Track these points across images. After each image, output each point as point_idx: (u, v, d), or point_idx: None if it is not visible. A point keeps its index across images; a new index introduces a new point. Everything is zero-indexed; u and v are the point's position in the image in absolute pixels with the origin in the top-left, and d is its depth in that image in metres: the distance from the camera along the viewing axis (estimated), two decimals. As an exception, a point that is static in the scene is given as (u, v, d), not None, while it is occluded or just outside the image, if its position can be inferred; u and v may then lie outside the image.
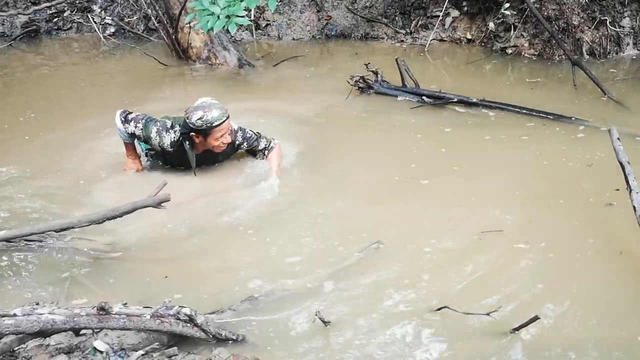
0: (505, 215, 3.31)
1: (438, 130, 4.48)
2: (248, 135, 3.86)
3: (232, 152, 3.89)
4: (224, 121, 3.56)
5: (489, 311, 2.49)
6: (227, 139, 3.67)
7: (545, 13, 5.94)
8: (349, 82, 5.20)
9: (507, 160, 3.98)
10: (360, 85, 5.24)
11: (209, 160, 3.86)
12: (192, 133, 3.57)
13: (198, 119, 3.49)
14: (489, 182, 3.71)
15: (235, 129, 3.81)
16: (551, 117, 4.50)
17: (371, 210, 3.48)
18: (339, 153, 4.18)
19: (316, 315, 2.49)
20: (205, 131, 3.54)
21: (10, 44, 7.48)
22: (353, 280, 2.84)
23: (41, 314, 1.99)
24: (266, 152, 3.93)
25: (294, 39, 7.23)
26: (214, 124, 3.52)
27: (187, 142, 3.66)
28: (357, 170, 3.93)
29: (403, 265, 2.93)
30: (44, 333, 2.02)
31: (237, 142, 3.83)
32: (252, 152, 3.97)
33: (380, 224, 3.31)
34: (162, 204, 3.00)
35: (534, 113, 4.58)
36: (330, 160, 4.08)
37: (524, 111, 4.62)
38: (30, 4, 7.91)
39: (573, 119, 4.43)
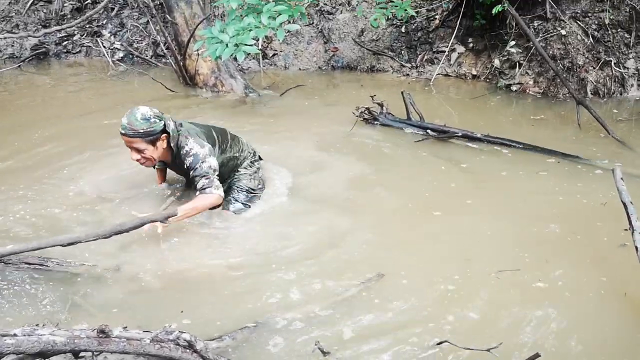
0: (523, 253, 3.28)
1: (451, 164, 4.49)
2: (195, 165, 3.44)
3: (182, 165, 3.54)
4: (122, 133, 3.34)
5: (489, 347, 2.46)
6: (132, 156, 3.42)
7: (551, 52, 6.02)
8: (354, 113, 5.24)
9: (521, 196, 3.96)
10: (366, 116, 5.28)
11: (184, 175, 3.75)
12: None
13: None
14: (503, 217, 3.68)
15: (190, 152, 3.46)
16: (557, 155, 4.51)
17: (378, 240, 3.46)
18: (343, 182, 4.19)
19: (316, 345, 2.47)
20: None
21: (19, 66, 7.57)
22: (354, 311, 2.81)
23: (42, 335, 1.97)
24: (197, 192, 3.46)
25: (300, 69, 7.31)
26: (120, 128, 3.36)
27: None
28: (362, 200, 3.93)
29: (408, 298, 2.90)
30: (44, 354, 1.99)
31: (185, 165, 3.48)
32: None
33: (388, 254, 3.30)
34: (168, 219, 3.00)
35: (538, 151, 4.60)
36: (335, 188, 4.09)
37: (528, 148, 4.64)
38: (40, 27, 8.03)
39: (579, 158, 4.44)
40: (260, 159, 4.09)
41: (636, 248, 2.88)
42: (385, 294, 2.93)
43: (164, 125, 3.42)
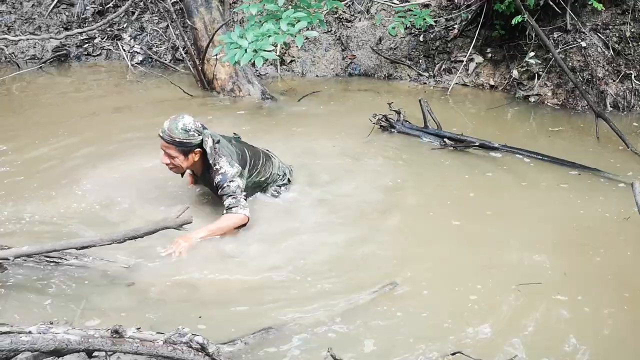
0: (543, 264, 3.25)
1: (471, 173, 4.47)
2: (223, 184, 3.52)
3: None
4: (159, 135, 3.51)
5: (504, 360, 2.45)
6: (162, 160, 3.56)
7: (570, 64, 5.98)
8: (371, 120, 5.24)
9: (542, 208, 3.92)
10: (383, 123, 5.27)
11: (211, 189, 3.78)
12: None
13: None
14: (523, 229, 3.65)
15: (220, 170, 3.55)
16: (576, 167, 4.48)
17: (396, 249, 3.45)
18: (362, 190, 4.17)
19: (328, 352, 2.45)
20: None
21: (41, 67, 7.66)
22: (368, 319, 2.80)
23: (57, 333, 1.99)
24: (225, 210, 3.52)
25: (317, 75, 7.32)
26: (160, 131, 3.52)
27: None
28: (382, 208, 3.92)
29: (425, 308, 2.90)
30: (58, 352, 2.01)
31: (214, 182, 3.58)
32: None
33: (407, 263, 3.29)
34: (183, 226, 3.02)
35: (556, 162, 4.57)
36: (353, 196, 4.08)
37: (545, 159, 4.61)
38: (62, 29, 8.12)
39: (598, 170, 4.40)
40: (289, 181, 4.11)
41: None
42: (401, 303, 2.92)
43: (202, 141, 3.55)
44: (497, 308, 2.90)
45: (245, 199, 3.57)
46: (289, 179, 4.11)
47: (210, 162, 3.57)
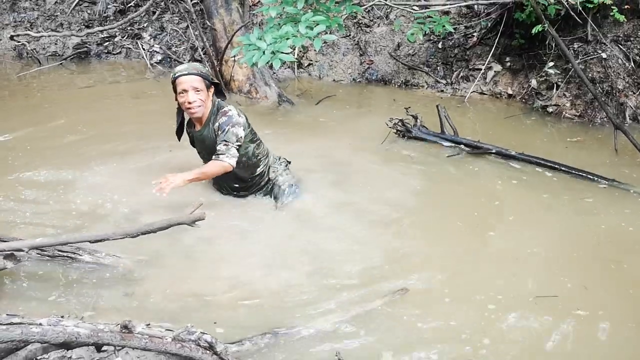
0: (563, 278, 3.21)
1: (493, 183, 4.44)
2: (225, 127, 3.57)
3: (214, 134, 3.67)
4: (184, 74, 3.55)
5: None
6: (190, 97, 3.55)
7: (590, 75, 5.92)
8: (387, 125, 5.23)
9: (564, 219, 3.89)
10: (399, 128, 5.26)
11: (210, 146, 3.71)
12: None
13: (172, 73, 3.64)
14: (544, 240, 3.60)
15: (227, 113, 3.63)
16: (592, 178, 4.44)
17: (413, 256, 3.43)
18: (379, 194, 4.16)
19: (336, 356, 2.45)
20: (173, 85, 3.62)
21: (61, 63, 7.75)
22: (380, 324, 2.79)
23: (67, 326, 2.00)
24: (214, 155, 3.60)
25: (334, 80, 7.33)
26: (175, 75, 3.58)
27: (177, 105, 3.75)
28: (398, 214, 3.90)
29: (435, 316, 2.87)
30: (68, 345, 2.02)
31: (216, 123, 3.64)
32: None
33: (422, 270, 3.27)
34: (196, 223, 3.03)
35: (572, 172, 4.53)
36: (370, 201, 4.06)
37: (562, 169, 4.57)
38: (83, 27, 8.21)
39: (615, 181, 4.34)
40: (289, 162, 4.17)
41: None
42: (417, 311, 2.90)
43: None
44: (513, 320, 2.86)
45: (237, 150, 3.61)
46: (287, 160, 4.14)
47: (219, 105, 3.68)
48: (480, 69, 6.77)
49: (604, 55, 5.94)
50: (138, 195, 3.89)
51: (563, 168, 4.57)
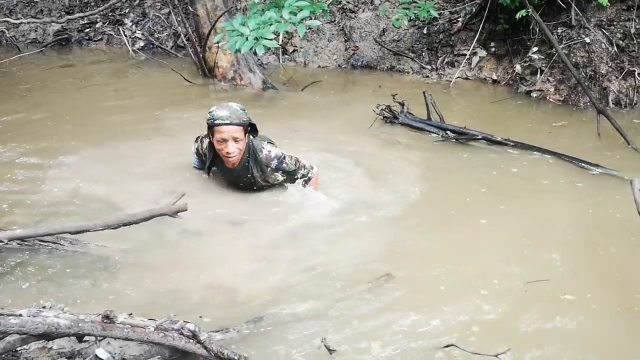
0: (553, 263, 3.21)
1: (483, 169, 4.42)
2: (284, 165, 3.67)
3: (262, 177, 3.71)
4: (226, 123, 3.42)
5: (498, 353, 2.43)
6: (229, 148, 3.48)
7: (574, 59, 5.94)
8: (374, 111, 5.21)
9: (557, 205, 3.88)
10: (386, 114, 5.24)
11: (244, 182, 3.75)
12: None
13: (209, 112, 3.50)
14: (536, 226, 3.60)
15: (272, 155, 3.65)
16: (574, 163, 4.46)
17: (402, 243, 3.41)
18: (365, 181, 4.14)
19: (322, 342, 2.44)
20: (210, 128, 3.49)
21: (41, 51, 7.64)
22: (364, 311, 2.78)
23: (47, 317, 1.97)
24: (303, 182, 3.77)
25: (319, 66, 7.29)
26: (215, 121, 3.43)
27: (209, 141, 3.64)
28: (386, 199, 3.87)
29: (420, 300, 2.87)
30: (47, 336, 1.99)
31: (268, 168, 3.66)
32: (291, 181, 3.80)
33: (412, 257, 3.25)
34: (178, 214, 3.00)
35: (557, 156, 4.56)
36: (357, 187, 4.04)
37: (546, 154, 4.59)
38: (64, 13, 8.09)
39: (600, 167, 4.37)
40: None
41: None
42: (405, 298, 2.88)
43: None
44: (503, 304, 2.86)
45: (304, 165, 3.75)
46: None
47: (254, 145, 3.61)
48: (465, 55, 6.76)
49: (587, 39, 5.95)
50: (117, 184, 3.86)
51: (547, 154, 4.60)
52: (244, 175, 3.70)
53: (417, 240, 3.45)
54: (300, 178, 3.75)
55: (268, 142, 3.72)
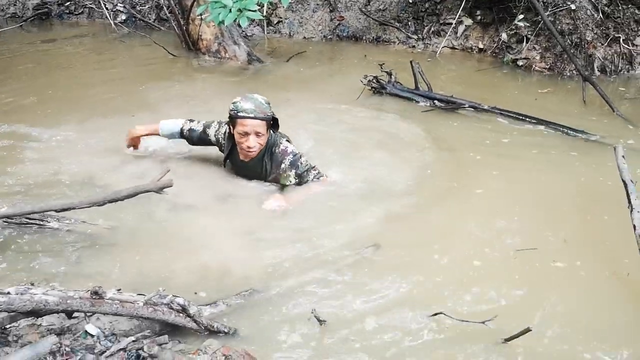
0: (545, 231, 3.22)
1: (476, 139, 4.42)
2: (298, 163, 3.53)
3: (275, 174, 3.57)
4: (250, 117, 3.30)
5: (485, 320, 2.46)
6: (251, 142, 3.37)
7: (559, 27, 5.92)
8: (362, 82, 5.18)
9: (549, 175, 3.89)
10: (374, 85, 5.22)
11: (254, 176, 3.64)
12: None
13: (232, 103, 3.36)
14: (529, 196, 3.61)
15: (288, 150, 3.53)
16: (561, 130, 4.49)
17: (392, 215, 3.39)
18: (357, 151, 4.13)
19: (312, 313, 2.46)
20: (233, 119, 3.36)
21: (21, 25, 7.49)
22: (353, 279, 2.80)
23: (35, 294, 1.97)
24: (309, 182, 3.59)
25: (305, 37, 7.22)
26: (239, 113, 3.30)
27: (229, 131, 3.53)
28: (376, 169, 3.87)
29: (412, 270, 2.88)
30: (36, 313, 2.00)
31: (282, 166, 3.52)
32: (300, 182, 3.60)
33: (400, 229, 3.26)
34: (163, 190, 2.98)
35: (543, 124, 4.58)
36: (346, 160, 4.02)
37: (533, 121, 4.62)
38: (43, -14, 7.93)
39: (585, 132, 4.40)
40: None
41: (634, 227, 2.87)
42: (391, 266, 2.90)
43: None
44: (497, 274, 2.88)
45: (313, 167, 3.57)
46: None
47: (274, 140, 3.51)
48: (451, 24, 6.72)
49: (572, 6, 5.92)
50: (101, 162, 3.83)
51: (533, 121, 4.62)
52: (256, 169, 3.59)
53: (411, 212, 3.45)
54: (308, 179, 3.58)
55: (286, 140, 3.62)
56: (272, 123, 3.48)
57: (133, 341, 2.09)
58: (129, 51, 6.65)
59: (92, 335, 2.14)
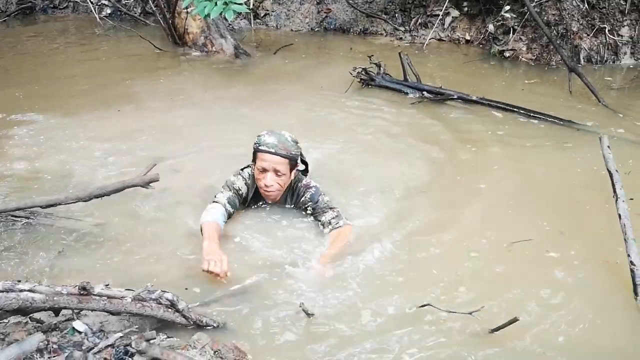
0: (542, 222, 3.23)
1: (470, 131, 4.43)
2: (317, 198, 3.19)
3: (295, 206, 3.30)
4: (270, 152, 3.02)
5: (472, 310, 2.47)
6: (268, 181, 3.08)
7: (545, 18, 5.94)
8: (351, 74, 5.18)
9: (545, 166, 3.89)
10: (363, 77, 5.21)
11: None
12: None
13: (257, 136, 3.11)
14: (525, 187, 3.62)
15: (311, 184, 3.25)
16: (549, 120, 4.52)
17: (383, 209, 3.39)
18: (349, 143, 4.12)
19: (300, 306, 2.46)
20: (255, 152, 3.11)
21: (5, 20, 7.40)
22: (355, 277, 2.78)
23: (21, 291, 1.95)
24: (329, 226, 3.11)
25: (292, 30, 7.19)
26: (260, 147, 3.05)
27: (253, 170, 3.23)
28: (368, 161, 3.87)
29: (403, 263, 2.88)
30: (22, 311, 1.98)
31: (302, 199, 3.23)
32: (315, 218, 3.22)
33: (398, 219, 3.25)
34: (150, 184, 2.96)
35: (530, 115, 4.60)
36: (341, 150, 4.02)
37: (521, 112, 4.64)
38: (27, -20, 7.84)
39: (573, 123, 4.42)
40: None
41: (619, 215, 2.89)
42: (386, 258, 2.90)
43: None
44: (492, 265, 2.89)
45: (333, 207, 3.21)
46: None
47: (300, 177, 3.27)
48: (438, 15, 6.72)
49: (559, -3, 5.95)
50: (87, 157, 3.81)
51: (521, 111, 4.64)
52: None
53: (404, 205, 3.44)
54: (325, 222, 3.15)
55: (311, 180, 3.31)
56: (300, 164, 3.26)
57: (121, 337, 2.09)
58: (114, 45, 6.60)
59: (80, 332, 2.13)
